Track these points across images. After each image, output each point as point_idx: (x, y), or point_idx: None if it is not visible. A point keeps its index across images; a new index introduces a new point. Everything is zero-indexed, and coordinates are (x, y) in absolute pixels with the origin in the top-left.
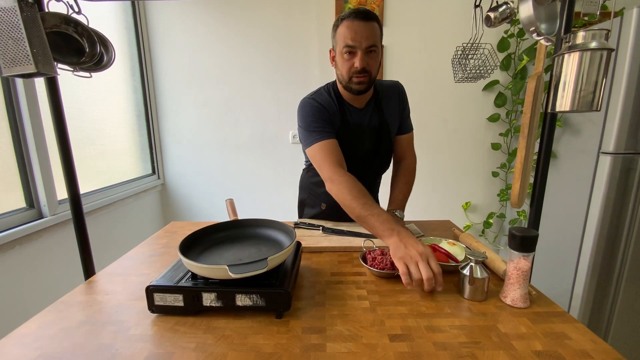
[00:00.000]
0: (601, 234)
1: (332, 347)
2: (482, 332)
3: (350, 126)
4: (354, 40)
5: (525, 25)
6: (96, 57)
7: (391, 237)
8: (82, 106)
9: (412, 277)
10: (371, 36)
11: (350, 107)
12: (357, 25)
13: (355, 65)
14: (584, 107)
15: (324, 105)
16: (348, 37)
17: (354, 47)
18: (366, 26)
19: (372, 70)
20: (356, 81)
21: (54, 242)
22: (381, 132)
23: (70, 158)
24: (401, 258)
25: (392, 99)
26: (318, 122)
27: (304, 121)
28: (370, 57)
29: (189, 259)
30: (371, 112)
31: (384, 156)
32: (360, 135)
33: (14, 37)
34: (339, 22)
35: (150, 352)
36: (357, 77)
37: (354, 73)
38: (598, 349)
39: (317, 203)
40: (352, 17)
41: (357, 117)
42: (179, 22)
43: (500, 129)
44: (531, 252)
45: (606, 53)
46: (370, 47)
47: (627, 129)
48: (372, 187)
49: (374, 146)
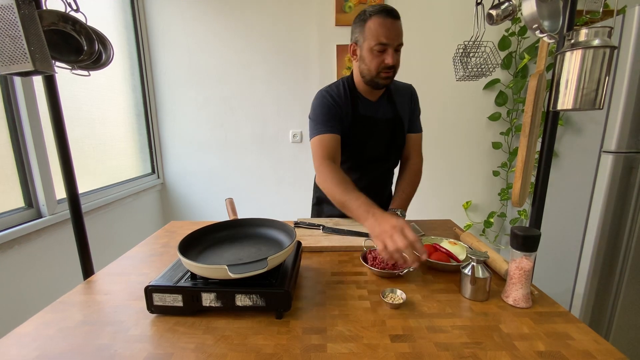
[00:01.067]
0: (603, 233)
1: (333, 348)
2: (484, 333)
3: (362, 117)
4: (387, 38)
5: (528, 22)
6: (94, 55)
7: (367, 219)
8: (80, 105)
9: (389, 250)
10: (400, 34)
11: (363, 100)
12: (389, 24)
13: (387, 62)
14: (586, 105)
15: (336, 100)
16: (382, 34)
17: (387, 44)
18: (396, 24)
19: (398, 66)
20: (384, 76)
21: (53, 242)
22: (395, 125)
23: (68, 157)
24: (377, 236)
25: (405, 98)
26: (325, 116)
27: (313, 113)
28: (398, 53)
29: (188, 259)
30: (385, 104)
31: (399, 149)
32: (373, 126)
33: (12, 35)
34: (367, 17)
35: (150, 352)
36: (386, 72)
37: (383, 69)
38: (601, 350)
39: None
40: (384, 15)
41: (369, 109)
42: (179, 21)
43: (501, 127)
44: (533, 252)
45: (609, 50)
46: (399, 45)
47: (629, 127)
48: (387, 181)
49: (389, 137)
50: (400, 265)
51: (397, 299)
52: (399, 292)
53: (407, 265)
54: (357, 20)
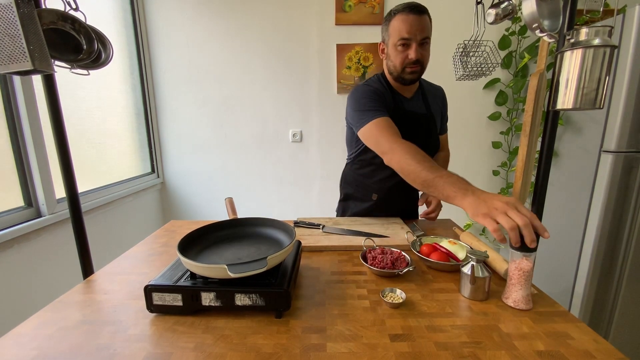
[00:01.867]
0: (602, 232)
1: (333, 347)
2: (484, 332)
3: (404, 112)
4: (409, 33)
5: (528, 21)
6: (94, 55)
7: (465, 197)
8: (80, 104)
9: (507, 228)
10: (425, 28)
11: (400, 96)
12: (412, 19)
13: (410, 56)
14: (587, 105)
15: (380, 90)
16: (403, 30)
17: (409, 39)
18: (420, 19)
19: (425, 61)
20: (409, 71)
21: (53, 241)
22: (429, 122)
23: (68, 156)
24: (486, 214)
25: (437, 99)
26: (372, 102)
27: (357, 103)
28: (424, 48)
29: (187, 258)
30: (420, 102)
31: (434, 147)
32: (415, 121)
33: (11, 34)
34: (392, 16)
35: (149, 352)
36: (411, 67)
37: (407, 64)
38: (601, 349)
39: (367, 195)
40: (407, 11)
41: (409, 105)
42: (179, 20)
43: (501, 127)
44: (533, 252)
45: (609, 50)
46: (424, 39)
47: (629, 127)
48: None
49: (425, 134)
50: (515, 243)
51: (397, 299)
52: (399, 292)
53: (531, 244)
54: (385, 21)
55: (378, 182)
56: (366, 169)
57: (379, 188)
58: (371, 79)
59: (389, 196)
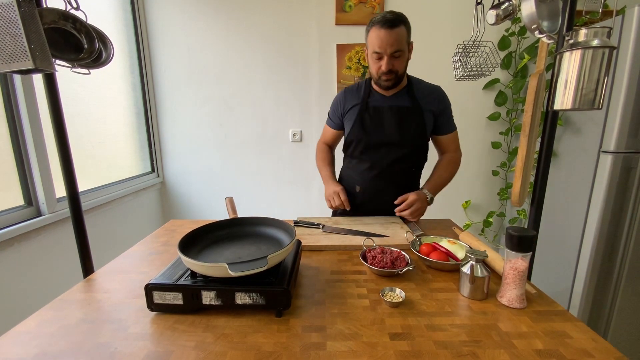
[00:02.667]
0: (601, 232)
1: (332, 346)
2: (483, 331)
3: (370, 107)
4: (380, 48)
5: (527, 22)
6: (94, 54)
7: (324, 184)
8: (80, 103)
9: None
10: (396, 42)
11: (376, 94)
12: (383, 34)
13: (382, 68)
14: (585, 105)
15: (341, 99)
16: (376, 44)
17: (380, 53)
18: (392, 34)
19: (399, 70)
20: (384, 79)
21: (53, 240)
22: (410, 112)
23: (68, 155)
24: (325, 196)
25: (430, 97)
26: (332, 112)
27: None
28: (396, 59)
29: (188, 257)
30: (401, 96)
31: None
32: (380, 114)
33: (12, 33)
34: (370, 27)
35: (150, 350)
36: (385, 76)
37: (382, 74)
38: (599, 348)
39: (352, 187)
40: (380, 26)
41: (379, 101)
42: (179, 20)
43: (501, 127)
44: (528, 252)
45: (608, 51)
46: (395, 52)
47: (628, 128)
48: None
49: (398, 123)
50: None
51: (397, 298)
52: (398, 291)
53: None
54: (366, 28)
55: (360, 174)
56: (350, 162)
57: (361, 180)
58: (361, 81)
59: (371, 188)
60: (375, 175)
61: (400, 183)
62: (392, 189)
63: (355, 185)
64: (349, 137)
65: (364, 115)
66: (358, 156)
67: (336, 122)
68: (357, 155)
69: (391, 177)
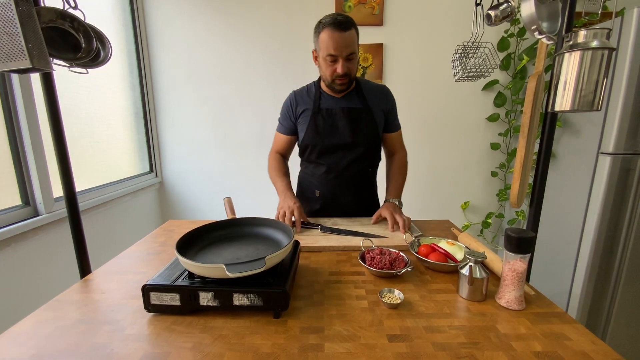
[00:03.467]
0: (600, 234)
1: (331, 347)
2: (481, 333)
3: (322, 110)
4: (335, 50)
5: (527, 23)
6: (92, 53)
7: (280, 196)
8: (78, 103)
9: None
10: (350, 44)
11: (326, 96)
12: (337, 37)
13: (338, 71)
14: (584, 107)
15: (292, 103)
16: (330, 46)
17: (336, 55)
18: (345, 36)
19: (352, 73)
20: (339, 82)
21: (50, 240)
22: (361, 114)
23: (66, 155)
24: (278, 208)
25: (377, 98)
26: (282, 117)
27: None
28: (350, 62)
29: (186, 258)
30: (352, 98)
31: (370, 138)
32: (333, 116)
33: (9, 32)
34: (321, 29)
35: (146, 351)
36: (340, 79)
37: (336, 77)
38: (598, 350)
39: (312, 192)
40: (333, 28)
41: (331, 103)
42: (178, 19)
43: (500, 128)
44: (527, 254)
45: (607, 52)
46: (349, 55)
47: (627, 129)
48: (364, 176)
49: (350, 124)
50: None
51: (395, 299)
52: (397, 292)
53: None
54: (315, 31)
55: (317, 178)
56: (307, 167)
57: (319, 184)
58: (308, 85)
59: (330, 191)
60: (333, 178)
61: (359, 184)
62: (351, 190)
63: (315, 189)
64: (304, 142)
65: (317, 118)
66: (314, 160)
67: (289, 126)
68: (314, 160)
69: (349, 178)
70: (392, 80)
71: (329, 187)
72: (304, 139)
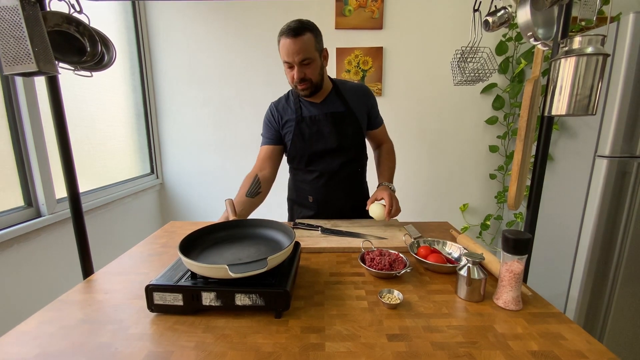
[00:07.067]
0: (597, 236)
1: (331, 347)
2: (479, 332)
3: (306, 118)
4: (288, 57)
5: (523, 30)
6: (97, 57)
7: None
8: (81, 105)
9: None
10: (302, 51)
11: (306, 103)
12: (289, 43)
13: (295, 77)
14: (580, 111)
15: (275, 113)
16: (283, 54)
17: (289, 62)
18: (296, 42)
19: (312, 77)
20: (300, 88)
21: (53, 241)
22: (345, 117)
23: (70, 157)
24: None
25: (357, 97)
26: (264, 129)
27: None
28: (307, 67)
29: (189, 259)
30: (333, 102)
31: (356, 140)
32: (317, 123)
33: (16, 36)
34: (279, 37)
35: (150, 350)
36: (300, 85)
37: (296, 83)
38: (593, 349)
39: (305, 198)
40: (285, 35)
41: (313, 110)
42: (179, 22)
43: (498, 131)
44: (524, 255)
45: (602, 58)
46: (303, 60)
47: (623, 133)
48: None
49: (336, 128)
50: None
51: (394, 299)
52: (396, 293)
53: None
54: (277, 39)
55: (309, 184)
56: (297, 174)
57: (311, 189)
58: (284, 95)
59: (323, 196)
60: (324, 183)
61: (350, 185)
62: (343, 193)
63: (307, 195)
64: (292, 152)
65: (301, 127)
66: (304, 167)
67: (274, 135)
68: (304, 167)
69: (340, 182)
70: (392, 83)
71: (321, 192)
72: (291, 148)
